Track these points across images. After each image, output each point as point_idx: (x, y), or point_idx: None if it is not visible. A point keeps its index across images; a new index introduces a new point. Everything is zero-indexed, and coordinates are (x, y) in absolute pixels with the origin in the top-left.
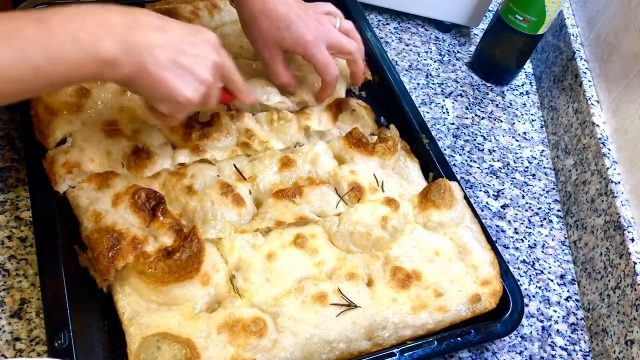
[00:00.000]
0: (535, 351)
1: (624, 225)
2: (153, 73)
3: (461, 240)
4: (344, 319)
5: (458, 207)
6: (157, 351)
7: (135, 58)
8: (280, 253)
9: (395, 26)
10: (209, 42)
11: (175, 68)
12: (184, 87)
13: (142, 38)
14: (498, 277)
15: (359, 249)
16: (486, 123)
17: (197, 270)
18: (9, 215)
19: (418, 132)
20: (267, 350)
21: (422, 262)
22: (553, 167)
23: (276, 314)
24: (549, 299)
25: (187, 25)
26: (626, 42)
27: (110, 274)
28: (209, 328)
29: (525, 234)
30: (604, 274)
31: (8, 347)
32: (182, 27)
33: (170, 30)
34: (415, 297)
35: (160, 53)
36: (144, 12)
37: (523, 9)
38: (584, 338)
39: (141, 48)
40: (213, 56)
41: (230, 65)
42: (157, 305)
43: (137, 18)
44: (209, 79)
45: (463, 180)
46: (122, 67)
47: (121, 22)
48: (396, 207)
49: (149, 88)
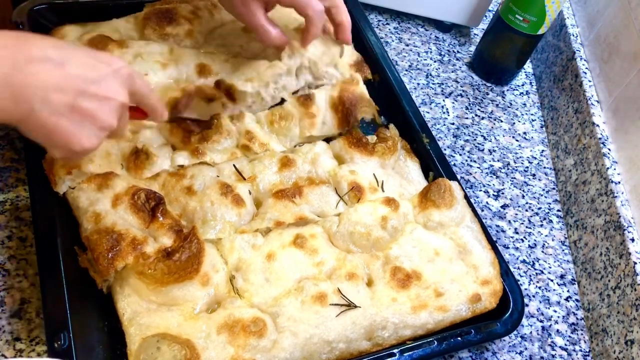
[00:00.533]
0: (535, 351)
1: (624, 225)
2: (45, 122)
3: (461, 240)
4: (343, 319)
5: (458, 207)
6: (157, 352)
7: (24, 105)
8: (280, 253)
9: (395, 26)
10: (117, 76)
11: (74, 114)
12: (81, 136)
13: (33, 79)
14: (498, 276)
15: (359, 249)
16: (486, 123)
17: (197, 270)
18: (9, 215)
19: (418, 132)
20: (266, 350)
21: (422, 262)
22: (553, 167)
23: (276, 314)
24: (549, 299)
25: (94, 55)
26: (626, 42)
27: (110, 274)
28: (209, 328)
29: (526, 234)
30: (604, 274)
31: (8, 347)
32: (86, 59)
33: (70, 64)
34: (415, 297)
35: (55, 97)
36: (39, 41)
37: (523, 9)
38: (584, 338)
39: (31, 93)
40: (120, 97)
41: (143, 87)
42: (157, 306)
43: (29, 51)
44: (112, 123)
45: (463, 180)
46: (8, 113)
47: (7, 60)
48: (396, 207)
49: (41, 136)
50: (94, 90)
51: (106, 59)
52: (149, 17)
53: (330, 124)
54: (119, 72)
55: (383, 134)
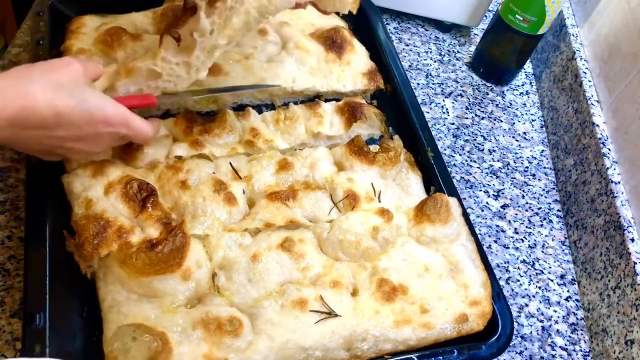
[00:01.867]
0: (535, 351)
1: (624, 225)
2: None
3: (454, 258)
4: (322, 327)
5: (454, 224)
6: (131, 341)
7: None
8: (265, 255)
9: (395, 26)
10: (104, 134)
11: (58, 150)
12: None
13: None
14: (489, 298)
15: (348, 258)
16: (486, 123)
17: (179, 264)
18: (9, 215)
19: (424, 145)
20: (241, 351)
21: (411, 277)
22: (553, 167)
23: (254, 315)
24: (549, 299)
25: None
26: (626, 42)
27: (93, 260)
28: (185, 323)
29: (526, 234)
30: (604, 274)
31: (8, 347)
32: (79, 123)
33: (60, 128)
34: (400, 311)
35: (38, 148)
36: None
37: (523, 9)
38: (584, 338)
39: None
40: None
41: (131, 130)
42: (138, 297)
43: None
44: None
45: (463, 180)
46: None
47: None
48: (389, 218)
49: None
50: (79, 145)
51: (101, 119)
52: (165, 13)
53: (338, 126)
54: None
55: (386, 145)
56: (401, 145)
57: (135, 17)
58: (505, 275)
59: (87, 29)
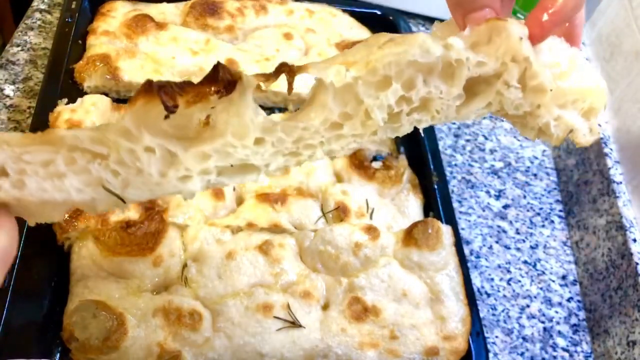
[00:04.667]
0: (536, 352)
1: (626, 226)
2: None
3: (437, 287)
4: (284, 336)
5: (442, 252)
6: (90, 317)
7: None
8: (241, 254)
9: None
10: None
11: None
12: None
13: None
14: (466, 335)
15: (325, 270)
16: (487, 122)
17: (152, 249)
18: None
19: (430, 169)
20: (196, 345)
21: (386, 299)
22: (555, 167)
23: (217, 312)
24: (550, 299)
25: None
26: (628, 41)
27: (69, 231)
28: (147, 308)
29: (527, 234)
30: (606, 274)
31: None
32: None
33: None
34: (368, 333)
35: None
36: None
37: (524, 9)
38: (585, 339)
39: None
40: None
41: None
42: (106, 274)
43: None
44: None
45: (464, 180)
46: None
47: None
48: (375, 236)
49: None
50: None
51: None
52: (194, 6)
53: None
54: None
55: (389, 162)
56: (405, 166)
57: (165, 7)
58: (507, 276)
59: (117, 13)
